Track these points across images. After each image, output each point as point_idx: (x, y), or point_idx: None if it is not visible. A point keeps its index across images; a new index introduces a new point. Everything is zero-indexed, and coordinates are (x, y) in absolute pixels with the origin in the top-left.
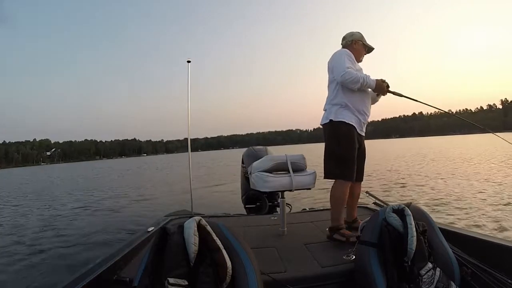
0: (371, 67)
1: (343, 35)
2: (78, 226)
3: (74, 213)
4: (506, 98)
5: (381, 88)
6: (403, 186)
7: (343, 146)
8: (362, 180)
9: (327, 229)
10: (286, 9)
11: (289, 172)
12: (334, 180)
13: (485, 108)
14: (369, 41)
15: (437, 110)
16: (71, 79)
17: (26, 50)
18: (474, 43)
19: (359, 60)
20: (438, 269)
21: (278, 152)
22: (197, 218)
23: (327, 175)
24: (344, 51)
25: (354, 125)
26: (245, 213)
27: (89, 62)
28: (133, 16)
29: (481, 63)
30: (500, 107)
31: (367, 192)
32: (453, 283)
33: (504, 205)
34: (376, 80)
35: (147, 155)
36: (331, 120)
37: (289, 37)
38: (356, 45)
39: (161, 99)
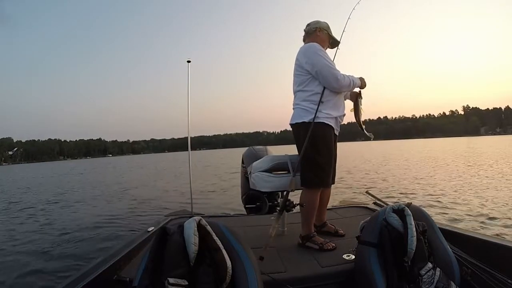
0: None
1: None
2: (78, 226)
3: (73, 212)
4: (467, 105)
5: (364, 83)
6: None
7: (322, 151)
8: (334, 183)
9: (299, 237)
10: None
11: (289, 172)
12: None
13: (447, 113)
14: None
15: (401, 115)
16: (38, 77)
17: (10, 48)
18: (438, 50)
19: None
20: (438, 269)
21: (277, 151)
22: (197, 218)
23: (308, 185)
24: (315, 47)
25: (333, 126)
26: (245, 213)
27: (63, 60)
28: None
29: (446, 70)
30: (462, 113)
31: (367, 192)
32: (453, 283)
33: None
34: (359, 78)
35: (112, 155)
36: (307, 121)
37: (256, 39)
38: (320, 33)
39: (128, 99)
